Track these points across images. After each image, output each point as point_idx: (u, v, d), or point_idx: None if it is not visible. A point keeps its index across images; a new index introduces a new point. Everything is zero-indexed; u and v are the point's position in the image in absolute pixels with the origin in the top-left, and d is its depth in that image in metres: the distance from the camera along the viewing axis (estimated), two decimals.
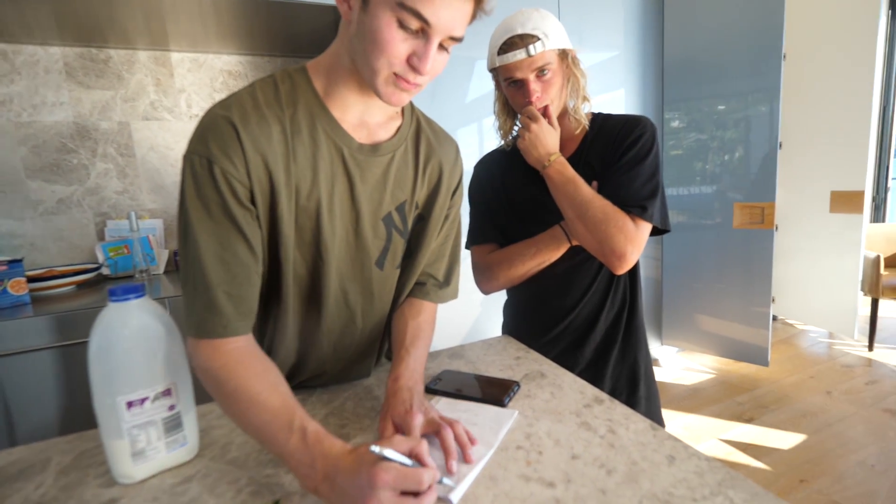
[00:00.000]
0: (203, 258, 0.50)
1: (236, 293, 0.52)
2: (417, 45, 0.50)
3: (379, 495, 0.39)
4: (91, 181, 1.70)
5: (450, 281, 0.74)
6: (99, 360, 0.48)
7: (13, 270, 1.27)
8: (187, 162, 0.51)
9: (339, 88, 0.57)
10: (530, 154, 0.81)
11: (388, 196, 0.63)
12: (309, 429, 0.46)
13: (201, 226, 0.51)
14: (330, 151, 0.57)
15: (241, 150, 0.51)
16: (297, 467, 0.45)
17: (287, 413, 0.47)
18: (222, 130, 0.51)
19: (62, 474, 0.52)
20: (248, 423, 0.49)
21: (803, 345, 2.70)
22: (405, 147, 0.64)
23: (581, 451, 0.52)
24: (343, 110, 0.58)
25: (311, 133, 0.56)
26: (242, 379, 0.49)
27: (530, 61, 0.76)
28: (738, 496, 0.43)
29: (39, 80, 1.59)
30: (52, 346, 1.20)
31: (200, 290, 0.51)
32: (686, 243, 2.40)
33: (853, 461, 1.62)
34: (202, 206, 0.51)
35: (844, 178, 2.53)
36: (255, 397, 0.48)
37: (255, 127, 0.52)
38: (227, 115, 0.51)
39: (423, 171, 0.66)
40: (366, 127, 0.60)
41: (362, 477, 0.40)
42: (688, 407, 2.08)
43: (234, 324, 0.51)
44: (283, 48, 1.84)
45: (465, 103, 1.94)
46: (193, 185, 0.51)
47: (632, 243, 0.75)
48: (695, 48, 2.23)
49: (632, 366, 0.89)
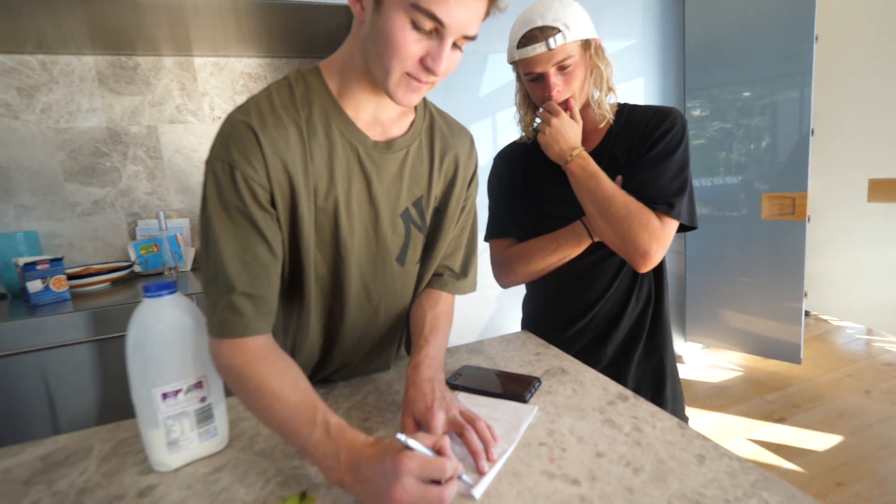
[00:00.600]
0: (224, 260, 0.52)
1: (257, 294, 0.53)
2: (431, 45, 0.49)
3: (403, 481, 0.40)
4: (123, 183, 1.77)
5: (467, 272, 0.74)
6: (136, 353, 0.50)
7: (55, 269, 1.34)
8: (209, 167, 0.53)
9: (352, 88, 0.58)
10: (551, 148, 0.79)
11: (404, 192, 0.63)
12: (331, 422, 0.47)
13: (223, 229, 0.52)
14: (346, 151, 0.58)
15: (262, 154, 0.52)
16: (321, 460, 0.46)
17: (309, 408, 0.48)
18: (242, 136, 0.52)
19: (103, 461, 0.55)
20: (271, 419, 0.50)
21: (839, 342, 2.59)
22: (419, 142, 0.65)
23: (606, 449, 0.51)
24: (357, 109, 0.59)
25: (326, 133, 0.57)
26: (264, 377, 0.50)
27: (550, 55, 0.74)
28: (773, 498, 0.42)
29: (75, 88, 1.66)
30: (90, 339, 1.26)
31: (222, 291, 0.52)
32: (710, 236, 2.33)
33: (894, 464, 1.55)
34: (224, 209, 0.52)
35: (883, 164, 2.40)
36: (277, 394, 0.49)
37: (274, 131, 0.53)
38: (246, 121, 0.52)
39: (439, 166, 0.66)
40: (379, 124, 0.61)
41: (387, 464, 0.41)
42: (714, 405, 2.02)
43: (254, 324, 0.52)
44: (301, 50, 1.87)
45: (479, 97, 1.93)
46: (216, 190, 0.52)
47: (657, 241, 0.73)
48: (718, 32, 2.14)
49: (657, 366, 0.87)
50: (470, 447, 0.50)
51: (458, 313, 0.83)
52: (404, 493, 0.40)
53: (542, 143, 0.79)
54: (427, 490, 0.40)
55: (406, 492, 0.40)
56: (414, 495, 0.40)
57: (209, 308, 0.53)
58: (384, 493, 0.40)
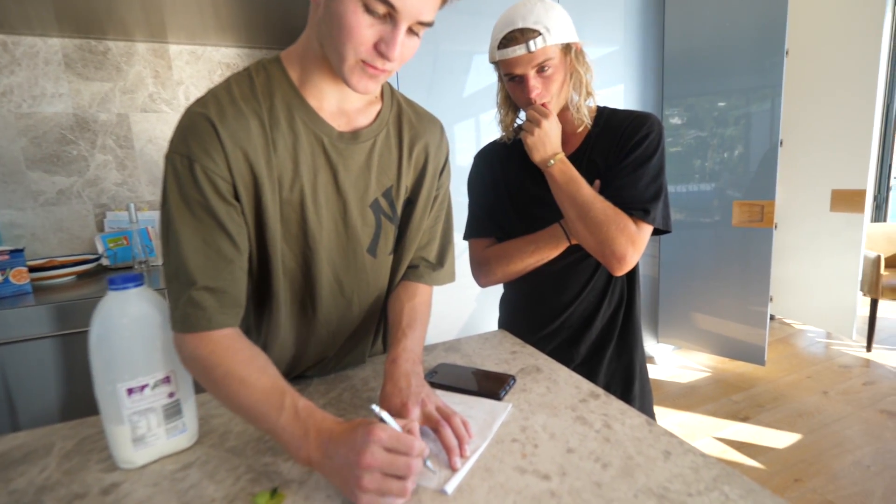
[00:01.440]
0: (185, 255, 0.51)
1: (219, 288, 0.52)
2: (385, 30, 0.48)
3: (373, 449, 0.41)
4: (90, 173, 1.70)
5: (443, 262, 0.74)
6: (99, 347, 0.49)
7: (15, 260, 1.28)
8: (168, 162, 0.52)
9: (313, 77, 0.56)
10: (537, 152, 0.79)
11: (373, 182, 0.63)
12: (300, 404, 0.47)
13: (183, 223, 0.51)
14: (310, 141, 0.57)
15: (221, 146, 0.51)
16: (289, 440, 0.46)
17: (277, 392, 0.48)
18: (200, 128, 0.51)
19: (65, 459, 0.53)
20: (238, 405, 0.49)
21: (801, 344, 2.71)
22: (387, 132, 0.64)
23: (576, 445, 0.52)
24: (320, 99, 0.58)
25: (289, 124, 0.56)
26: (230, 364, 0.50)
27: (530, 57, 0.74)
28: (733, 492, 0.44)
29: (39, 71, 1.59)
30: (53, 334, 1.21)
31: (183, 286, 0.51)
32: (684, 241, 2.40)
33: (849, 461, 1.63)
34: (184, 204, 0.51)
35: (846, 176, 2.52)
36: (244, 380, 0.49)
37: (233, 121, 0.52)
38: (204, 113, 0.51)
39: (408, 155, 0.65)
40: (344, 114, 0.60)
41: (358, 434, 0.42)
42: (682, 405, 2.09)
43: (217, 317, 0.52)
44: (281, 41, 1.84)
45: (463, 98, 1.94)
46: (176, 184, 0.51)
47: (633, 246, 0.74)
48: (696, 44, 2.22)
49: (627, 365, 0.89)
50: (444, 442, 0.50)
51: (438, 312, 0.83)
52: (373, 459, 0.41)
53: (529, 144, 0.79)
54: (395, 459, 0.41)
55: (375, 459, 0.41)
56: (382, 463, 0.41)
57: (171, 303, 0.52)
58: (353, 462, 0.41)
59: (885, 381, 2.20)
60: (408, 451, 0.42)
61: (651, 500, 0.43)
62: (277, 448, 0.53)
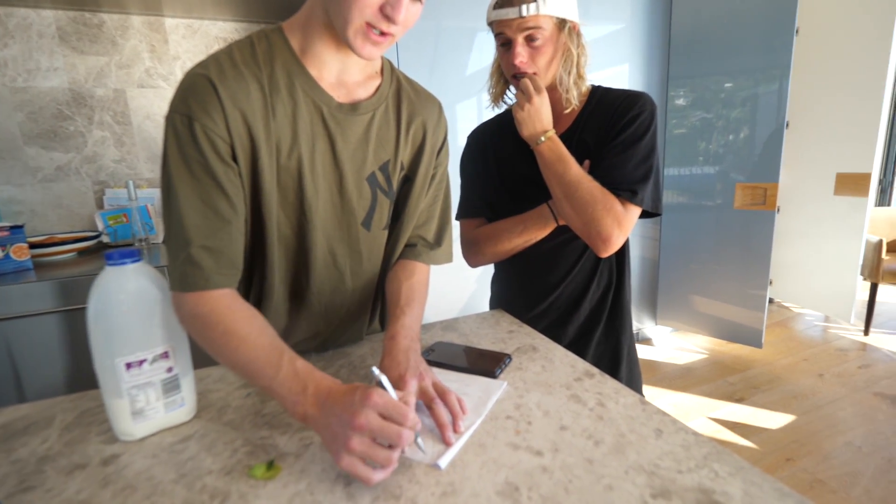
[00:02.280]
0: (183, 214, 0.52)
1: (217, 248, 0.53)
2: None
3: (367, 412, 0.42)
4: (88, 149, 1.68)
5: (441, 242, 0.75)
6: (97, 322, 0.49)
7: (15, 236, 1.28)
8: (169, 122, 0.52)
9: (314, 45, 0.57)
10: (526, 127, 0.78)
11: (370, 155, 0.63)
12: (298, 363, 0.49)
13: (182, 183, 0.52)
14: (309, 110, 0.58)
15: (220, 105, 0.51)
16: (286, 395, 0.47)
17: (276, 350, 0.50)
18: (200, 89, 0.51)
19: (66, 430, 0.54)
20: (236, 361, 0.50)
21: (799, 328, 2.73)
22: (386, 106, 0.64)
23: (570, 423, 0.53)
24: (320, 68, 0.58)
25: (289, 91, 0.56)
26: (231, 322, 0.51)
27: (521, 22, 0.72)
28: (722, 469, 0.44)
29: (33, 44, 1.56)
30: (56, 310, 1.23)
31: (181, 245, 0.52)
32: (685, 223, 2.39)
33: (840, 442, 1.66)
34: (184, 163, 0.51)
35: (851, 159, 2.48)
36: (244, 337, 0.50)
37: (233, 83, 0.52)
38: (205, 74, 0.52)
39: (405, 131, 0.66)
40: (344, 86, 0.60)
41: (356, 395, 0.43)
42: (678, 386, 2.12)
43: (214, 277, 0.52)
44: (278, 14, 1.79)
45: (465, 76, 1.90)
46: (176, 144, 0.51)
47: (618, 227, 0.74)
48: (703, 22, 2.16)
49: (615, 347, 0.90)
50: (437, 418, 0.51)
51: (436, 292, 0.83)
52: (366, 422, 0.41)
53: (518, 119, 0.78)
54: (387, 427, 0.42)
55: (368, 422, 0.41)
56: (374, 427, 0.42)
57: (170, 262, 0.53)
58: (347, 422, 0.42)
59: (881, 365, 2.23)
60: (401, 421, 0.43)
61: (641, 477, 0.44)
62: (274, 422, 0.54)
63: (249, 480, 0.45)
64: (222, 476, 0.46)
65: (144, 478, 0.46)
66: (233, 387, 0.64)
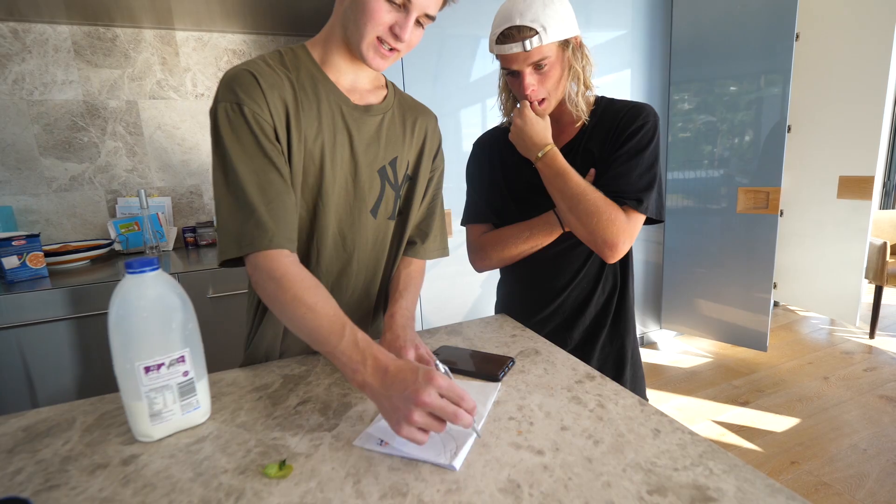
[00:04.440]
0: (245, 185, 0.59)
1: (277, 214, 0.60)
2: (399, 17, 0.61)
3: (431, 391, 0.47)
4: (101, 159, 1.73)
5: (435, 238, 0.84)
6: (118, 328, 0.51)
7: (31, 245, 1.32)
8: (218, 111, 0.60)
9: (333, 57, 0.68)
10: (518, 147, 0.83)
11: (381, 151, 0.73)
12: (359, 335, 0.55)
13: (240, 159, 0.59)
14: (331, 107, 0.67)
15: (262, 93, 0.60)
16: (347, 363, 0.53)
17: (339, 321, 0.56)
18: (244, 79, 0.60)
19: (87, 432, 0.56)
20: (302, 326, 0.57)
21: (804, 331, 2.72)
22: (393, 112, 0.75)
23: (570, 423, 0.55)
24: (337, 76, 0.69)
25: (314, 91, 0.66)
26: (299, 289, 0.57)
27: (526, 55, 0.75)
28: (717, 467, 0.46)
29: (49, 58, 1.61)
30: (68, 317, 1.26)
31: (247, 212, 0.59)
32: (689, 227, 2.40)
33: (845, 445, 1.66)
34: (238, 143, 0.59)
35: (854, 163, 2.48)
36: (311, 306, 0.56)
37: (269, 76, 0.62)
38: (246, 69, 0.61)
39: (411, 132, 0.77)
40: (357, 91, 0.71)
41: (419, 374, 0.48)
42: (683, 389, 2.12)
43: (278, 238, 0.59)
44: (287, 27, 1.84)
45: (469, 83, 1.93)
46: (229, 127, 0.59)
47: (624, 234, 0.76)
48: (704, 27, 2.18)
49: (619, 350, 0.91)
50: None
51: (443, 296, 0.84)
52: (430, 399, 0.46)
53: (512, 140, 0.83)
54: (447, 404, 0.47)
55: (431, 399, 0.46)
56: (435, 405, 0.47)
57: (232, 230, 0.59)
58: (411, 396, 0.47)
59: (887, 368, 2.21)
60: (459, 400, 0.48)
61: (638, 474, 0.45)
62: (285, 424, 0.57)
63: (263, 479, 0.47)
64: (237, 475, 0.48)
65: (163, 476, 0.48)
66: (245, 390, 0.66)
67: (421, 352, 0.63)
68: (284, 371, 0.71)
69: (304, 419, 0.57)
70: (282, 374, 0.70)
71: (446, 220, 0.90)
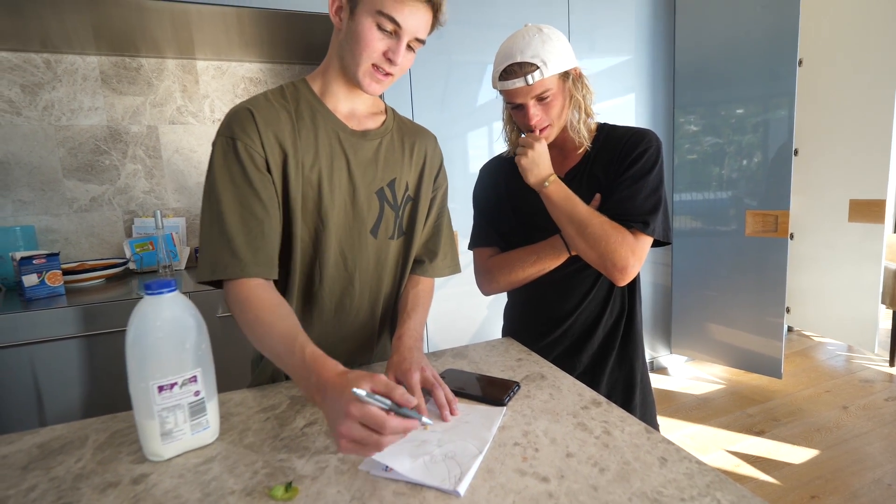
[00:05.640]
0: (225, 214, 0.64)
1: (253, 244, 0.64)
2: (391, 43, 0.66)
3: (348, 422, 0.48)
4: (121, 181, 1.79)
5: (445, 256, 0.86)
6: (134, 347, 0.53)
7: (51, 263, 1.36)
8: (217, 143, 0.66)
9: (331, 86, 0.72)
10: (531, 174, 0.84)
11: (379, 173, 0.76)
12: (307, 350, 0.57)
13: (225, 189, 0.64)
14: (328, 134, 0.71)
15: (257, 127, 0.66)
16: (298, 380, 0.57)
17: (291, 337, 0.59)
18: (241, 116, 0.66)
19: (98, 450, 0.57)
20: (263, 346, 0.62)
21: (820, 358, 2.65)
22: (391, 136, 0.78)
23: (576, 450, 0.54)
24: (336, 103, 0.73)
25: (312, 120, 0.71)
26: (259, 310, 0.62)
27: (529, 89, 0.78)
28: (725, 498, 0.45)
29: (78, 86, 1.69)
30: (80, 335, 1.28)
31: (224, 240, 0.63)
32: (697, 250, 2.39)
33: (868, 479, 1.59)
34: (227, 172, 0.65)
35: (864, 186, 2.47)
36: (267, 325, 0.61)
37: (266, 111, 0.67)
38: (245, 106, 0.67)
39: (409, 155, 0.80)
40: (355, 117, 0.75)
41: (340, 403, 0.49)
42: (696, 417, 2.06)
43: (250, 268, 0.64)
44: (301, 56, 1.92)
45: (476, 107, 1.98)
46: (222, 159, 0.65)
47: (633, 255, 0.77)
48: (707, 53, 2.23)
49: (628, 374, 0.90)
50: (437, 401, 0.62)
51: (449, 319, 0.85)
52: (349, 431, 0.48)
53: (523, 167, 0.84)
54: (368, 435, 0.48)
55: (350, 431, 0.48)
56: (355, 436, 0.48)
57: (209, 254, 0.64)
58: (333, 428, 0.49)
59: None
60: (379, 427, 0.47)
61: None
62: (292, 445, 0.57)
63: (269, 501, 0.47)
64: (244, 496, 0.48)
65: (172, 496, 0.49)
66: (252, 410, 0.67)
67: (427, 374, 0.64)
68: (291, 392, 0.72)
69: (311, 441, 0.58)
70: (289, 395, 0.71)
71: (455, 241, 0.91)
